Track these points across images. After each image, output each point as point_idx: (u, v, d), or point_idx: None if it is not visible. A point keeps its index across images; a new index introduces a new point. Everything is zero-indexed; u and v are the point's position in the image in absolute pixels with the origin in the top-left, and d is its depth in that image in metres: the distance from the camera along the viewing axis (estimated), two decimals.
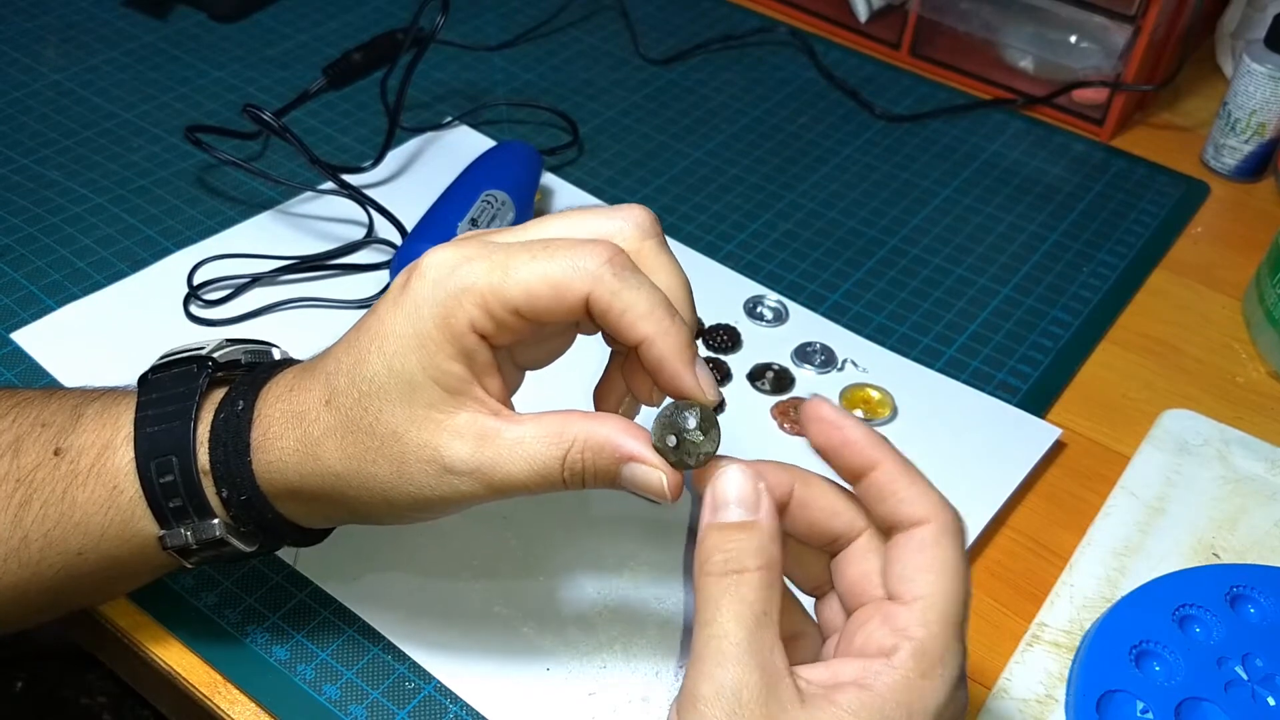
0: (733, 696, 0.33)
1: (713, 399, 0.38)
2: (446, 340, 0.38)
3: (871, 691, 0.34)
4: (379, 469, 0.39)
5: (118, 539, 0.42)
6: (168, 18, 0.87)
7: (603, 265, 0.37)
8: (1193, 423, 0.61)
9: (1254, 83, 0.77)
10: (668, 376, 0.38)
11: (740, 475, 0.37)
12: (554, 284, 0.37)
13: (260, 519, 0.42)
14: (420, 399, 0.38)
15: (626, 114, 0.82)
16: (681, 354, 0.37)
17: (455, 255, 0.38)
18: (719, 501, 0.37)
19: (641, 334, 0.37)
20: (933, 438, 0.59)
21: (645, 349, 0.38)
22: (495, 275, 0.37)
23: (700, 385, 0.38)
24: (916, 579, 0.36)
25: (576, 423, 0.38)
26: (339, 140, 0.77)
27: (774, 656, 0.34)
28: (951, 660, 0.35)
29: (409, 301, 0.38)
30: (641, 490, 0.38)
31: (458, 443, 0.38)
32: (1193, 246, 0.75)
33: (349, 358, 0.39)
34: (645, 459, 0.38)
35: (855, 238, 0.73)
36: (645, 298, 0.37)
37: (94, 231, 0.67)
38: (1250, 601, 0.51)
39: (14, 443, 0.42)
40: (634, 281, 0.37)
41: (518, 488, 0.38)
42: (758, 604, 0.35)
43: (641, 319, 0.37)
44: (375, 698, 0.47)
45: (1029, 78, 0.87)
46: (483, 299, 0.37)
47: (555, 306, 0.37)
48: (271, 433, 0.41)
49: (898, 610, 0.35)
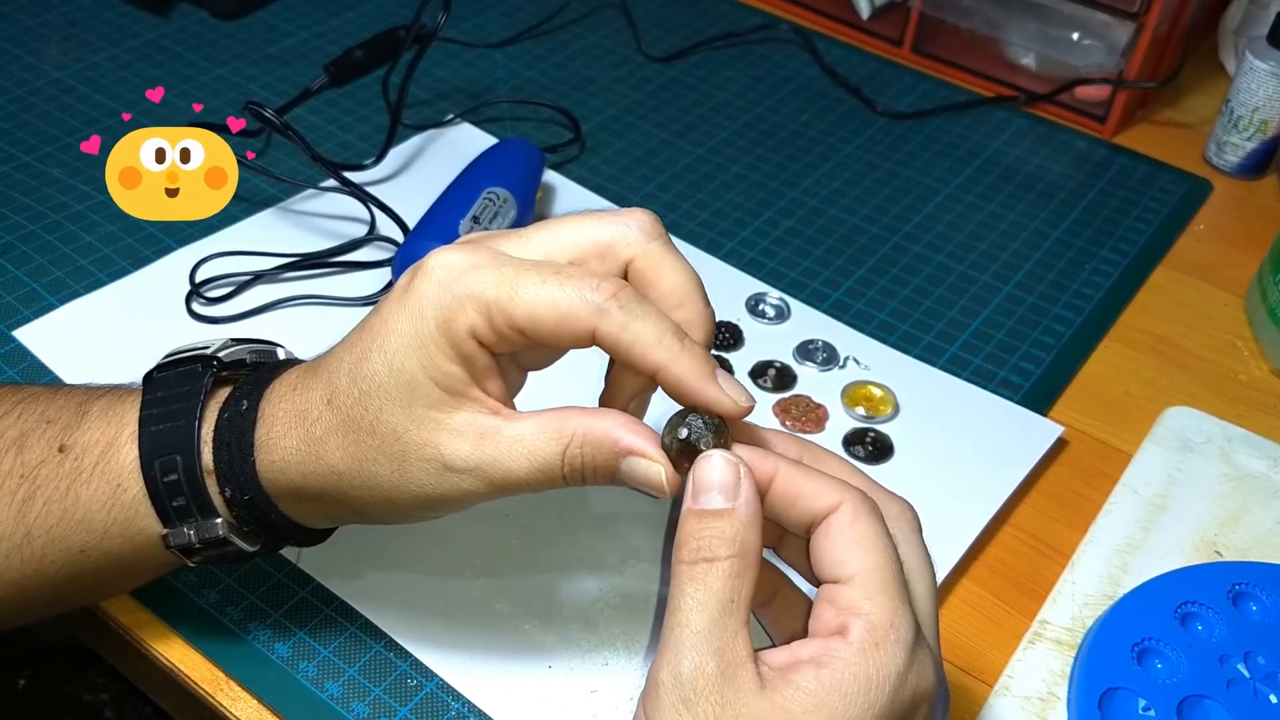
0: (689, 683, 0.34)
1: (745, 405, 0.38)
2: (446, 343, 0.38)
3: (828, 668, 0.34)
4: (380, 468, 0.39)
5: (121, 537, 0.42)
6: (170, 15, 0.88)
7: (609, 300, 0.37)
8: (1195, 420, 0.61)
9: (1256, 80, 0.77)
10: (692, 396, 0.38)
11: (722, 462, 0.37)
12: (560, 313, 0.37)
13: (263, 519, 0.42)
14: (420, 398, 0.38)
15: (628, 111, 0.82)
16: (699, 373, 0.37)
17: (463, 260, 0.38)
18: (699, 488, 0.37)
19: (654, 363, 0.37)
20: (935, 435, 0.59)
21: (661, 376, 0.38)
22: (503, 290, 0.37)
23: (726, 395, 0.38)
24: (848, 558, 0.36)
25: (575, 418, 0.38)
26: (341, 138, 0.77)
27: (735, 643, 0.35)
28: (902, 624, 0.35)
29: (412, 301, 0.38)
30: (640, 484, 0.38)
31: (457, 441, 0.38)
32: (1195, 244, 0.75)
33: (351, 356, 0.39)
34: (644, 452, 0.38)
35: (857, 235, 0.73)
36: (652, 328, 0.37)
37: (96, 229, 0.67)
38: (1252, 599, 0.51)
39: (18, 439, 0.42)
40: (639, 312, 0.37)
41: (518, 484, 0.38)
42: (724, 592, 0.35)
43: (651, 349, 0.37)
44: (377, 695, 0.47)
45: (1031, 75, 0.86)
46: (486, 310, 0.37)
47: (558, 333, 0.37)
48: (275, 432, 0.41)
49: (840, 589, 0.36)
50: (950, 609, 0.53)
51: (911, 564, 0.38)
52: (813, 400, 0.60)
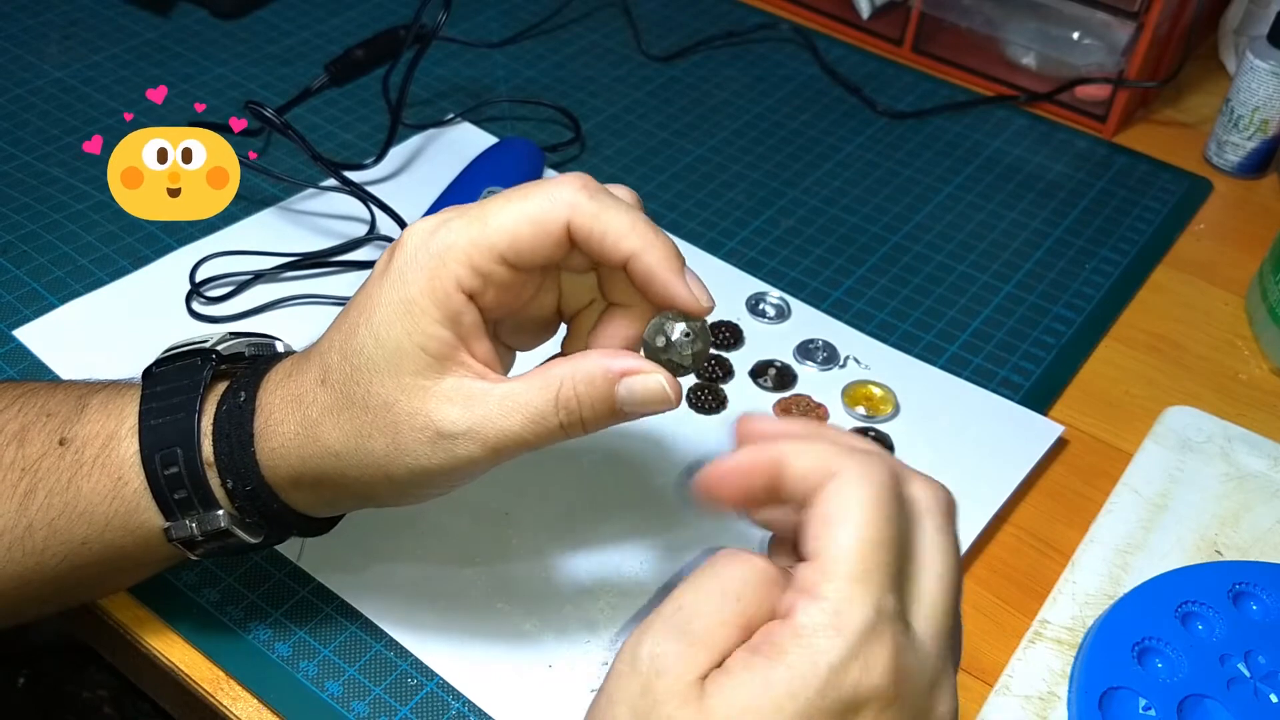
0: (647, 660, 0.33)
1: (707, 305, 0.39)
2: (433, 304, 0.38)
3: (759, 654, 0.32)
4: (375, 443, 0.39)
5: (122, 529, 0.42)
6: (170, 14, 0.87)
7: (578, 192, 0.38)
8: (1195, 420, 0.61)
9: (1257, 79, 0.77)
10: (659, 287, 0.39)
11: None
12: (534, 220, 0.38)
13: (265, 509, 0.42)
14: (407, 366, 0.38)
15: (629, 110, 0.82)
16: (669, 263, 0.38)
17: (433, 221, 0.39)
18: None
19: (626, 250, 0.38)
20: (935, 435, 0.59)
21: (633, 264, 0.38)
22: (475, 228, 0.38)
23: (692, 292, 0.39)
24: (819, 534, 0.33)
25: (560, 364, 0.39)
26: (341, 137, 0.77)
27: (711, 630, 0.33)
28: (854, 612, 0.31)
29: (393, 271, 0.39)
30: (643, 403, 0.38)
31: (447, 406, 0.38)
32: (1195, 243, 0.75)
33: (339, 335, 0.40)
34: (638, 367, 0.38)
35: (858, 234, 0.73)
36: (624, 216, 0.38)
37: (96, 228, 0.67)
38: (1253, 598, 0.51)
39: (19, 432, 0.42)
40: (610, 203, 0.38)
41: (515, 441, 0.38)
42: (731, 582, 0.33)
43: (624, 237, 0.38)
44: (377, 694, 0.47)
45: (1031, 74, 0.86)
46: (466, 254, 0.38)
47: (539, 243, 0.38)
48: (273, 419, 0.41)
49: (803, 569, 0.33)
50: None
51: (925, 553, 0.34)
52: (813, 400, 0.60)
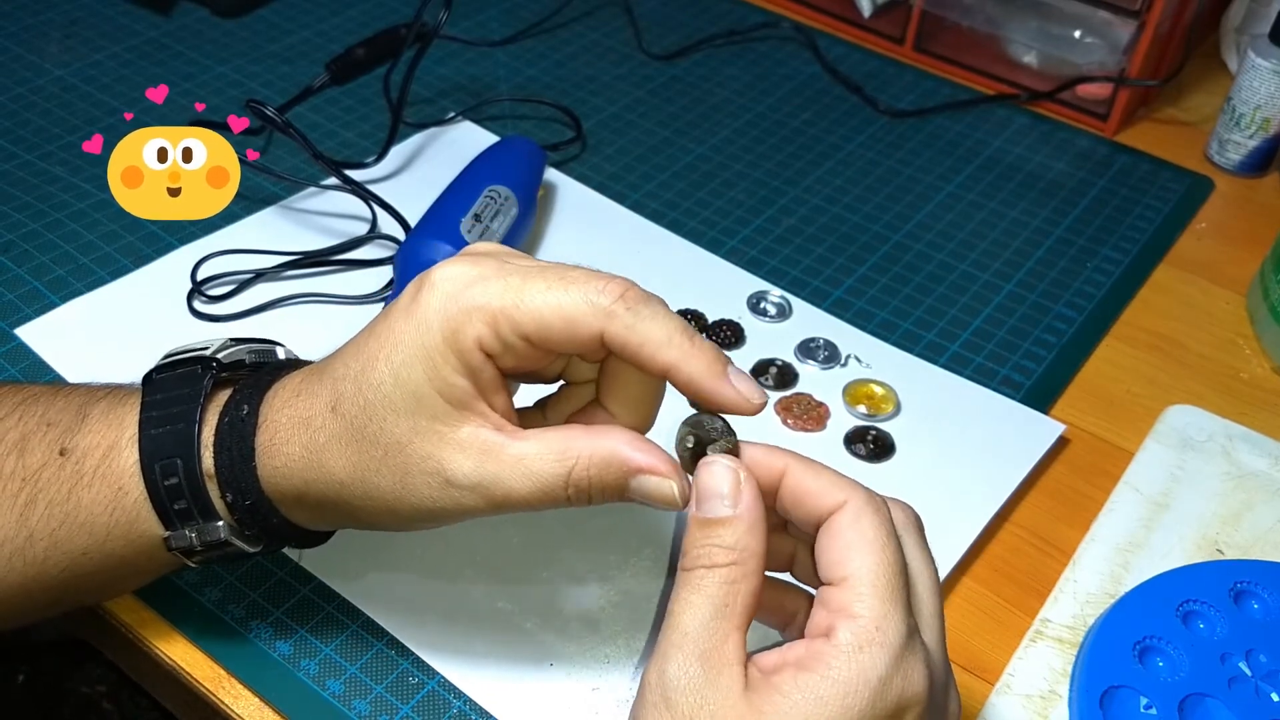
0: (672, 683, 0.35)
1: (758, 402, 0.38)
2: (453, 355, 0.38)
3: (808, 671, 0.34)
4: (382, 479, 0.39)
5: (123, 539, 0.42)
6: (171, 13, 0.87)
7: (615, 302, 0.37)
8: (1197, 419, 0.61)
9: (1259, 78, 0.77)
10: (706, 395, 0.38)
11: (724, 468, 0.37)
12: (567, 317, 0.37)
13: (265, 523, 0.42)
14: (425, 410, 0.38)
15: (630, 109, 0.82)
16: (711, 369, 0.38)
17: (469, 271, 0.38)
18: (702, 495, 0.37)
19: (664, 362, 0.37)
20: (936, 433, 0.59)
21: (673, 375, 0.38)
22: (509, 298, 0.37)
23: (741, 395, 0.38)
24: (844, 559, 0.36)
25: (580, 438, 0.38)
26: (342, 136, 0.77)
27: (725, 646, 0.35)
28: (891, 629, 0.35)
29: (418, 313, 0.38)
30: (652, 500, 0.38)
31: (460, 456, 0.38)
32: (1197, 242, 0.75)
33: (356, 363, 0.39)
34: (656, 469, 0.38)
35: (859, 233, 0.73)
36: (661, 327, 0.37)
37: (98, 227, 0.67)
38: (1254, 597, 0.51)
39: (20, 441, 0.42)
40: (647, 313, 0.37)
41: (519, 504, 0.38)
42: (718, 597, 0.36)
43: (661, 349, 0.37)
44: (379, 693, 0.47)
45: (1033, 73, 0.86)
46: (493, 319, 0.37)
47: (566, 340, 0.37)
48: (278, 438, 0.40)
49: (832, 592, 0.36)
50: (952, 607, 0.53)
51: (914, 569, 0.38)
52: (814, 398, 0.60)
